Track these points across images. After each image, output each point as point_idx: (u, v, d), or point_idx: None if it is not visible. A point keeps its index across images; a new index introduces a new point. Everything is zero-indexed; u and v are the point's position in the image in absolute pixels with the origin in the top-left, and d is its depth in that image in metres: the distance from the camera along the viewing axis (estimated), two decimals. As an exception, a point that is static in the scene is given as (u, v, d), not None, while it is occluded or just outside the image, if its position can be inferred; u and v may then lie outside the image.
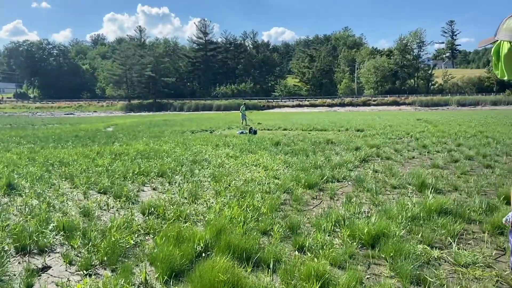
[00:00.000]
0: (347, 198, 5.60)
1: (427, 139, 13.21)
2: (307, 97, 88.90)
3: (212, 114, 55.27)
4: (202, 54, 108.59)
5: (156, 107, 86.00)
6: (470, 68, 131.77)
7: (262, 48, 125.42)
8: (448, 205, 4.92)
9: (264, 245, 3.87)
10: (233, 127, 22.75)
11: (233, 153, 10.38)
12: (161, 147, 12.12)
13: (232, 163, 8.82)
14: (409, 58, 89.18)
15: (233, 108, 72.83)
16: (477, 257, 3.55)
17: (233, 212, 4.79)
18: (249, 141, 13.59)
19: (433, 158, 9.30)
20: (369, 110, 62.77)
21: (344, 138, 14.21)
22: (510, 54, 1.66)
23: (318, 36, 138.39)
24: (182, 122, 30.96)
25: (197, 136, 16.76)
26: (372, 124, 22.08)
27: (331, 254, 3.56)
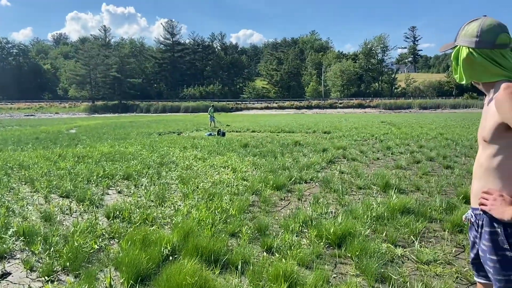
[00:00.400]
0: (315, 199, 5.67)
1: (391, 141, 13.60)
2: (276, 99, 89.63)
3: (180, 116, 54.68)
4: (170, 55, 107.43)
5: (122, 108, 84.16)
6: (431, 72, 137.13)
7: (230, 50, 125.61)
8: (411, 204, 5.08)
9: (232, 247, 3.86)
10: (201, 129, 22.59)
11: (201, 155, 10.30)
12: (127, 149, 11.87)
13: (200, 165, 8.75)
14: (373, 62, 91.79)
15: (201, 110, 72.36)
16: (438, 254, 3.68)
17: (201, 214, 4.75)
18: (218, 143, 13.53)
19: (397, 159, 9.58)
20: (336, 113, 64.00)
21: (311, 140, 14.41)
22: (468, 59, 1.72)
23: (286, 39, 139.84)
24: (149, 124, 30.44)
25: (164, 138, 16.52)
26: (338, 126, 22.52)
27: (298, 254, 3.59)
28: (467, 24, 1.71)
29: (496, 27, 1.65)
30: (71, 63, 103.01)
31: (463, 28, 1.71)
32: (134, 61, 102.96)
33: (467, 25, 1.70)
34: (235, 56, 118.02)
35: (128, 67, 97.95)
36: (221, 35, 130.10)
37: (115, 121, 36.27)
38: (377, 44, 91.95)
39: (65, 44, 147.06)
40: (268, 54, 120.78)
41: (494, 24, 1.66)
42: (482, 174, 1.74)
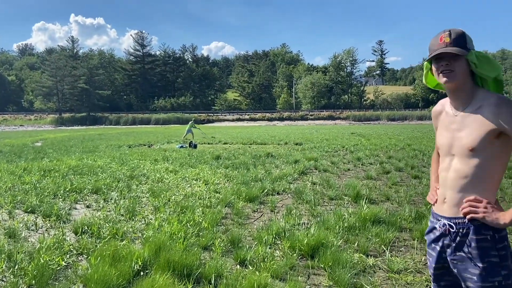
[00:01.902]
0: (287, 210, 5.69)
1: (361, 152, 13.88)
2: (247, 111, 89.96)
3: (151, 128, 53.92)
4: (140, 66, 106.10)
5: (90, 120, 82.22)
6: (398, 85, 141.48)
7: (202, 62, 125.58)
8: (381, 214, 5.18)
9: (205, 261, 3.80)
10: (172, 141, 22.33)
11: (172, 168, 10.17)
12: (96, 162, 11.57)
13: (172, 178, 8.63)
14: (343, 75, 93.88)
15: (172, 122, 71.67)
16: (408, 263, 3.76)
17: (173, 228, 4.67)
18: (189, 155, 13.41)
19: (367, 170, 9.78)
20: (307, 124, 64.82)
21: (283, 152, 14.51)
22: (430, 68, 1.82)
23: (257, 51, 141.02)
24: (119, 136, 29.85)
25: (134, 150, 16.23)
26: (310, 138, 22.79)
27: (272, 266, 3.58)
28: (460, 31, 1.72)
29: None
30: (37, 74, 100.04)
31: (464, 35, 1.71)
32: (103, 72, 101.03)
33: (462, 33, 1.73)
34: (206, 68, 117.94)
35: (97, 79, 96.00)
36: (193, 47, 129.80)
37: (83, 134, 35.35)
38: (346, 57, 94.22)
39: (31, 55, 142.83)
40: (239, 66, 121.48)
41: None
42: (463, 184, 1.73)
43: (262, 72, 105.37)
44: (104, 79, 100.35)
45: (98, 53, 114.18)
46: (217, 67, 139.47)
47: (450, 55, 1.68)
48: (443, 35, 1.70)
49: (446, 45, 1.68)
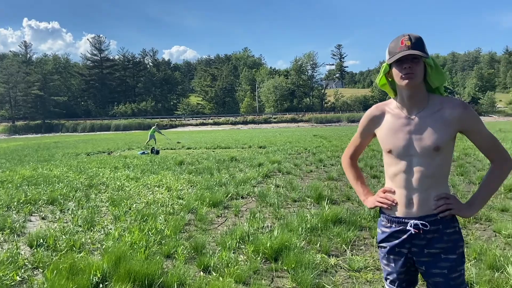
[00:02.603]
0: (251, 214, 5.70)
1: (323, 154, 14.13)
2: (211, 115, 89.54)
3: (110, 135, 52.47)
4: (98, 71, 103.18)
5: (46, 128, 79.02)
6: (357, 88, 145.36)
7: (163, 66, 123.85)
8: (342, 214, 5.29)
9: (168, 269, 3.74)
10: (134, 148, 21.83)
11: (134, 175, 9.93)
12: (52, 172, 11.12)
13: (133, 185, 8.43)
14: (304, 78, 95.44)
15: (134, 128, 70.15)
16: (368, 261, 3.86)
17: (133, 237, 4.55)
18: (151, 161, 13.16)
19: (328, 171, 9.97)
20: (271, 127, 65.34)
21: (247, 155, 14.53)
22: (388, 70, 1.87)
23: (219, 55, 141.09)
24: (76, 144, 28.84)
25: (93, 158, 15.73)
26: (273, 141, 22.97)
27: (236, 271, 3.57)
28: (418, 36, 1.77)
29: None
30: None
31: (422, 39, 1.76)
32: (59, 78, 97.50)
33: (420, 37, 1.78)
34: (168, 72, 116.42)
35: (52, 85, 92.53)
36: (153, 51, 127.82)
37: (38, 142, 33.88)
38: (307, 61, 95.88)
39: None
40: (202, 71, 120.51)
41: None
42: (429, 183, 1.79)
43: (225, 76, 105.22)
44: (60, 85, 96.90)
45: (52, 58, 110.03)
46: (179, 72, 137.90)
47: (411, 58, 1.72)
48: (403, 39, 1.74)
49: (408, 48, 1.72)
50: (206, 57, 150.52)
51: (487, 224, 5.00)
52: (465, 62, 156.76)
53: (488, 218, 5.19)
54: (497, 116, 78.04)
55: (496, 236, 4.53)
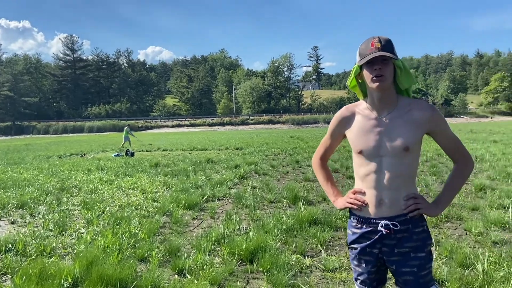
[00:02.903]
0: (227, 216, 5.67)
1: (299, 155, 14.22)
2: (187, 117, 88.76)
3: (84, 137, 51.36)
4: (70, 72, 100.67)
5: (16, 130, 76.47)
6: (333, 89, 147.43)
7: (138, 67, 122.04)
8: (318, 215, 5.33)
9: (141, 273, 3.67)
10: (108, 150, 21.42)
11: (107, 177, 9.73)
12: (22, 175, 10.77)
13: (106, 188, 8.26)
14: (281, 80, 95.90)
15: (108, 129, 68.81)
16: (342, 261, 3.89)
17: (106, 241, 4.45)
18: (126, 163, 12.93)
19: (305, 172, 10.03)
20: (248, 129, 65.37)
21: (224, 157, 14.48)
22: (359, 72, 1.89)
23: (195, 56, 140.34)
24: (48, 146, 28.07)
25: (65, 161, 15.33)
26: (250, 142, 22.97)
27: (211, 273, 3.53)
28: (387, 38, 1.78)
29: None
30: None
31: (389, 41, 1.78)
32: (30, 78, 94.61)
33: (390, 39, 1.80)
34: (143, 73, 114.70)
35: (23, 85, 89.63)
36: (128, 52, 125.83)
37: (7, 144, 32.82)
38: (283, 63, 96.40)
39: None
40: (178, 72, 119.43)
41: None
42: (399, 183, 1.82)
43: (202, 77, 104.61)
44: (31, 86, 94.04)
45: (23, 58, 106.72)
46: (155, 72, 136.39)
47: (381, 59, 1.74)
48: (373, 41, 1.75)
49: (378, 50, 1.73)
50: (182, 58, 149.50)
51: (458, 223, 5.13)
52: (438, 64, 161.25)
53: (459, 217, 5.33)
54: (468, 117, 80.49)
55: (466, 235, 4.65)
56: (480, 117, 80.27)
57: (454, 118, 76.25)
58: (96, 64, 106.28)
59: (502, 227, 4.80)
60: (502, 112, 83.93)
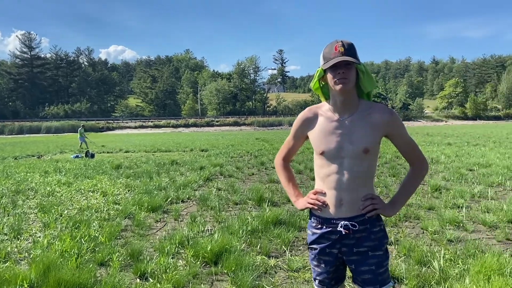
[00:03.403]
0: (192, 218, 5.60)
1: (265, 157, 14.30)
2: (151, 118, 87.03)
3: (41, 137, 49.27)
4: (27, 70, 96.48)
5: (-32, 130, 72.26)
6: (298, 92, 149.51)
7: (99, 66, 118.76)
8: (282, 216, 5.37)
9: (101, 277, 3.56)
10: (66, 151, 20.67)
11: (66, 180, 9.38)
12: (-27, 177, 10.18)
13: (65, 191, 7.96)
14: (246, 82, 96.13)
15: (67, 130, 66.33)
16: (306, 261, 3.94)
17: (64, 245, 4.29)
18: (86, 165, 12.52)
19: (270, 174, 10.10)
20: (213, 131, 64.97)
21: (189, 159, 14.32)
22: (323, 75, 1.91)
23: (160, 57, 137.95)
24: (3, 147, 26.73)
25: (21, 162, 14.64)
26: (215, 144, 22.86)
27: (174, 276, 3.48)
28: (350, 42, 1.81)
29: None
30: None
31: (352, 45, 1.81)
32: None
33: (352, 44, 1.83)
34: (105, 72, 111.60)
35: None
36: (88, 50, 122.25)
37: (-43, 145, 30.92)
38: (249, 65, 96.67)
39: None
40: (141, 72, 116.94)
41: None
42: (358, 184, 1.86)
43: (166, 78, 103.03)
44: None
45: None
46: (117, 72, 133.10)
47: (344, 63, 1.77)
48: (337, 45, 1.78)
49: (342, 54, 1.76)
50: (146, 58, 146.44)
51: (416, 222, 5.33)
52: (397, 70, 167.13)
53: (417, 216, 5.53)
54: (425, 121, 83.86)
55: (423, 233, 4.83)
56: (436, 121, 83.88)
57: (412, 122, 79.28)
58: (55, 63, 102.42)
59: (457, 225, 5.03)
60: (455, 116, 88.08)
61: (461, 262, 3.74)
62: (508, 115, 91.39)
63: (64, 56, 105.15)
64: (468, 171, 9.58)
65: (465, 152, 14.21)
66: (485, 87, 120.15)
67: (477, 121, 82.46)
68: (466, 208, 5.90)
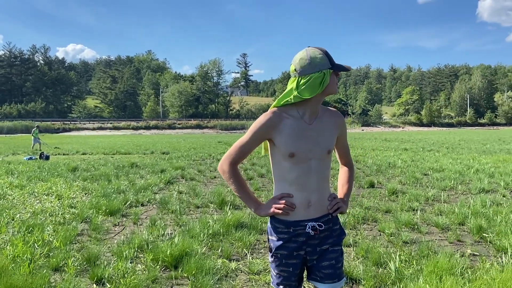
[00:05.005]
0: (152, 222, 5.50)
1: (227, 160, 14.23)
2: (110, 120, 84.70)
3: (-8, 138, 46.68)
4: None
5: None
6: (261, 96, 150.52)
7: (56, 65, 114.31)
8: (244, 219, 5.38)
9: (55, 283, 3.41)
10: (19, 153, 19.69)
11: (18, 182, 8.93)
12: None
13: (17, 194, 7.58)
14: (210, 85, 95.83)
15: (20, 131, 63.26)
16: (267, 263, 3.96)
17: (17, 250, 4.08)
18: (40, 167, 11.98)
19: (232, 177, 10.06)
20: (175, 133, 64.10)
21: (149, 161, 14.04)
22: None
23: (120, 57, 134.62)
24: None
25: (-31, 164, 13.80)
26: (177, 147, 22.56)
27: (133, 281, 3.39)
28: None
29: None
30: None
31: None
32: None
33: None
34: (61, 71, 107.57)
35: None
36: (45, 48, 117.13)
37: None
38: (212, 68, 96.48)
39: None
40: (101, 72, 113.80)
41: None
42: (323, 185, 1.94)
43: (127, 79, 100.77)
44: None
45: None
46: (75, 71, 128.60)
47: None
48: (326, 52, 1.90)
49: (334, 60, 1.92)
50: (106, 58, 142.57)
51: (373, 224, 5.49)
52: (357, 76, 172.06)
53: (374, 219, 5.70)
54: (383, 127, 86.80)
55: (380, 235, 4.99)
56: (393, 127, 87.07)
57: (371, 127, 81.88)
58: (8, 60, 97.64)
59: (412, 227, 5.23)
60: (412, 123, 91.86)
61: (415, 262, 3.89)
62: (460, 123, 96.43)
63: (19, 53, 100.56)
64: (423, 176, 9.99)
65: (420, 157, 14.83)
66: (439, 95, 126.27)
67: (432, 127, 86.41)
68: (421, 211, 6.15)
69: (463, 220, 5.48)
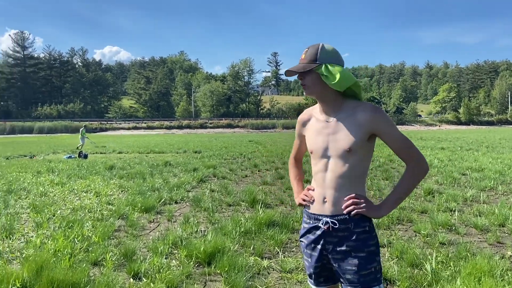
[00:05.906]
0: (185, 219, 5.61)
1: (258, 159, 14.32)
2: (145, 119, 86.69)
3: (33, 137, 48.92)
4: (20, 70, 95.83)
5: (-42, 129, 71.46)
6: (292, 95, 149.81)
7: (93, 66, 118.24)
8: (276, 217, 5.40)
9: (95, 277, 3.55)
10: (59, 152, 20.54)
11: (59, 180, 9.33)
12: (-36, 176, 10.09)
13: (58, 191, 7.92)
14: (240, 84, 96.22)
15: (59, 131, 65.95)
16: (299, 262, 3.96)
17: (57, 244, 4.27)
18: (79, 166, 12.45)
19: (263, 176, 10.12)
20: (206, 132, 64.90)
21: (182, 160, 14.30)
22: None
23: (154, 58, 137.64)
24: (-6, 146, 26.50)
25: (13, 162, 14.54)
26: (209, 146, 22.84)
27: (168, 276, 3.48)
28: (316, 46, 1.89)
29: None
30: None
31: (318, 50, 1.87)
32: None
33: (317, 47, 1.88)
34: (98, 73, 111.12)
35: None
36: (83, 51, 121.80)
37: None
38: (243, 67, 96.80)
39: None
40: (135, 73, 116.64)
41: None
42: (342, 183, 1.87)
43: (160, 79, 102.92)
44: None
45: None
46: (111, 73, 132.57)
47: (300, 71, 1.87)
48: (303, 52, 1.89)
49: (300, 62, 1.89)
50: (140, 59, 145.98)
51: (409, 225, 5.37)
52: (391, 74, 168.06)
53: (409, 219, 5.57)
54: (418, 125, 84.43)
55: (416, 236, 4.87)
56: (429, 125, 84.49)
57: (406, 126, 79.75)
58: (48, 62, 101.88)
59: (449, 228, 5.08)
60: (449, 121, 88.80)
61: (452, 264, 3.78)
62: (501, 121, 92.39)
63: (58, 56, 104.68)
64: (461, 175, 9.66)
65: (458, 156, 14.34)
66: (479, 92, 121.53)
67: (470, 126, 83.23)
68: (459, 212, 5.96)
69: (504, 221, 5.27)
